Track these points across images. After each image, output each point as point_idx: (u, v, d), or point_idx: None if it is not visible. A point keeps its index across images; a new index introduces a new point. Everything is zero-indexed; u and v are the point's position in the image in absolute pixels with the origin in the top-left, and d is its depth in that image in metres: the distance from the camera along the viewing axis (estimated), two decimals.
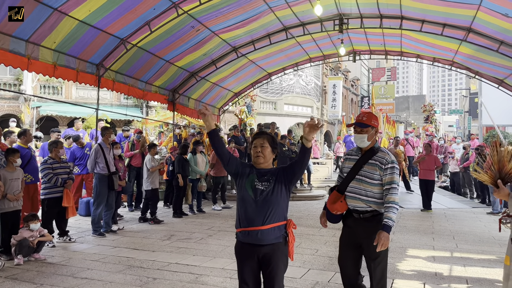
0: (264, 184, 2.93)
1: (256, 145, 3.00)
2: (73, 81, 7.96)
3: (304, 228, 7.93)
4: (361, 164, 3.36)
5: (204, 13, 8.66)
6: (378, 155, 3.33)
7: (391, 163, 3.29)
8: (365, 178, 3.31)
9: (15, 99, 22.66)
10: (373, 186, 3.30)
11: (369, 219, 3.32)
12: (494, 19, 8.23)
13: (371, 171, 3.30)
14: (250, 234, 2.89)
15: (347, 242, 3.46)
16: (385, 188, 3.28)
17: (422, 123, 28.18)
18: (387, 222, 3.18)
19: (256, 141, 3.03)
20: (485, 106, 24.15)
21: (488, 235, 7.72)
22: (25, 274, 4.98)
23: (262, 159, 2.98)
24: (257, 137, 3.05)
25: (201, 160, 10.08)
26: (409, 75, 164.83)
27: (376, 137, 3.43)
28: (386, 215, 3.20)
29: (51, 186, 6.50)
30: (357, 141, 3.41)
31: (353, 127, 3.42)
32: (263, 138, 3.02)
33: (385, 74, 50.21)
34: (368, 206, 3.31)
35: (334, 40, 11.91)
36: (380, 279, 3.32)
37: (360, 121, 3.39)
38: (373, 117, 3.43)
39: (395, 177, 3.27)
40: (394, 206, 3.21)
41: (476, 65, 11.58)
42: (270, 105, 32.54)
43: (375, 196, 3.30)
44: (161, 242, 6.80)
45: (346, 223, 3.50)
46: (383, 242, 3.13)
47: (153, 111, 24.41)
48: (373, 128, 3.38)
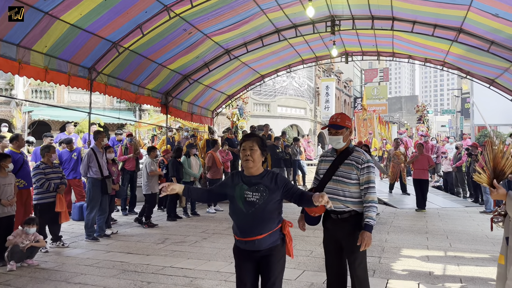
0: (255, 195, 2.86)
1: (245, 148, 2.91)
2: (65, 85, 7.92)
3: (298, 229, 7.91)
4: (337, 165, 3.38)
5: (196, 16, 8.66)
6: (354, 155, 3.36)
7: (367, 162, 3.32)
8: (342, 178, 3.33)
9: (7, 104, 22.48)
10: (350, 186, 3.31)
11: (347, 219, 3.34)
12: (485, 19, 8.30)
13: (347, 171, 3.32)
14: (247, 243, 2.90)
15: (329, 245, 3.49)
16: (363, 188, 3.30)
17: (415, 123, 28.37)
18: (368, 222, 3.21)
19: (245, 143, 2.94)
20: (477, 106, 24.37)
21: (481, 234, 7.76)
22: (18, 280, 4.93)
23: (251, 163, 2.90)
24: (246, 140, 2.97)
25: (195, 162, 10.06)
26: (401, 75, 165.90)
27: (350, 138, 3.48)
28: (367, 214, 3.24)
29: (44, 191, 6.46)
30: (333, 142, 3.43)
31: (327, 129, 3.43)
32: (252, 141, 2.93)
33: (377, 75, 50.47)
34: (346, 207, 3.32)
35: (326, 42, 11.96)
36: (363, 281, 3.34)
37: (334, 123, 3.41)
38: (347, 118, 3.47)
39: (371, 176, 3.30)
40: (374, 205, 3.26)
41: (467, 65, 11.68)
42: (263, 107, 32.59)
43: (353, 195, 3.32)
44: (155, 246, 6.76)
45: (325, 226, 3.52)
46: (366, 241, 3.16)
47: (146, 115, 24.36)
48: (347, 129, 3.41)
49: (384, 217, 9.48)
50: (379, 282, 4.84)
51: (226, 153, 11.52)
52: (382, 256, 6.07)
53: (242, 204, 2.88)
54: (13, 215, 5.77)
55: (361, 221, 3.27)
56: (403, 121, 62.00)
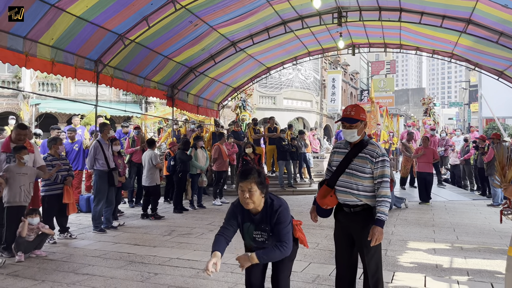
0: (263, 235, 2.91)
1: (244, 189, 2.79)
2: (72, 78, 7.94)
3: (304, 222, 7.89)
4: (350, 158, 3.27)
5: (202, 8, 8.62)
6: (368, 148, 3.24)
7: (382, 156, 3.21)
8: (356, 172, 3.24)
9: (14, 97, 22.63)
10: (363, 180, 3.23)
11: (360, 213, 3.27)
12: (494, 10, 8.19)
13: (361, 164, 3.22)
14: None
15: (340, 237, 3.43)
16: (376, 182, 3.21)
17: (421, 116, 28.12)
18: (380, 217, 3.13)
19: (242, 184, 2.80)
20: (485, 98, 24.13)
21: (488, 227, 7.72)
22: (26, 271, 4.99)
23: (251, 204, 2.82)
24: (242, 180, 2.80)
25: (202, 155, 10.08)
26: (408, 68, 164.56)
27: (365, 130, 3.35)
28: (379, 209, 3.15)
29: (51, 183, 6.50)
30: (347, 136, 3.30)
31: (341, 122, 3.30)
32: (250, 182, 2.78)
33: (384, 67, 50.16)
34: (359, 200, 3.25)
35: (333, 34, 11.86)
36: (375, 272, 3.29)
37: (349, 116, 3.27)
38: (361, 110, 3.32)
39: (386, 170, 3.20)
40: (386, 200, 3.16)
41: (476, 57, 11.55)
42: (269, 100, 32.51)
43: (366, 189, 3.24)
44: (162, 238, 6.80)
45: (337, 218, 3.46)
46: (376, 236, 3.10)
47: (152, 107, 24.41)
48: (362, 122, 3.27)
49: (390, 210, 9.46)
50: (386, 275, 4.82)
51: (232, 146, 11.52)
52: (388, 248, 6.06)
53: (252, 242, 2.97)
54: (24, 206, 5.79)
55: (374, 215, 3.20)
56: (410, 113, 61.65)
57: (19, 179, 5.68)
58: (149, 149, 8.91)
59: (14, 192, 5.62)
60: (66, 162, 6.95)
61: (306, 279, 4.69)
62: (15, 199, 5.64)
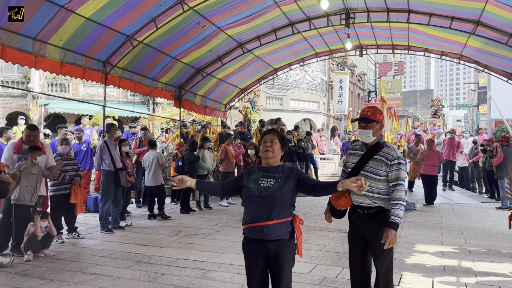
0: (269, 181, 2.90)
1: (266, 140, 3.00)
2: (80, 79, 8.00)
3: (311, 223, 7.92)
4: (366, 160, 3.30)
5: (209, 9, 8.64)
6: (384, 151, 3.26)
7: (397, 159, 3.22)
8: (371, 174, 3.25)
9: (23, 97, 22.84)
10: (378, 182, 3.24)
11: (374, 215, 3.27)
12: (503, 11, 8.12)
13: (376, 167, 3.24)
14: (256, 229, 2.88)
15: (354, 239, 3.43)
16: (391, 185, 3.22)
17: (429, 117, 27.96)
18: (394, 220, 3.13)
19: (266, 136, 3.03)
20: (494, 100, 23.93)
21: (497, 230, 7.65)
22: (35, 270, 5.03)
23: (271, 153, 2.96)
24: (267, 133, 3.06)
25: (209, 156, 10.09)
26: (416, 69, 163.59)
27: (381, 132, 3.36)
28: (393, 212, 3.15)
29: (59, 183, 6.54)
30: (362, 136, 3.35)
31: (357, 122, 3.36)
32: (273, 134, 3.03)
33: (392, 69, 49.92)
34: (373, 203, 3.25)
35: (341, 35, 11.83)
36: (386, 275, 3.30)
37: (365, 116, 3.32)
38: (378, 111, 3.35)
39: (401, 173, 3.21)
40: (401, 203, 3.16)
41: (485, 59, 11.46)
42: (276, 101, 32.49)
43: (381, 192, 3.25)
44: (168, 238, 6.83)
45: (351, 219, 3.46)
46: (390, 239, 3.09)
47: (160, 108, 24.49)
48: (378, 123, 3.30)
49: None
50: (393, 277, 4.80)
51: (239, 147, 11.53)
52: (396, 251, 6.01)
53: (255, 189, 2.91)
54: (29, 205, 5.83)
55: (388, 218, 3.19)
56: (417, 115, 61.27)
57: (27, 179, 5.72)
58: (151, 150, 8.92)
59: (22, 191, 5.67)
60: (75, 162, 7.00)
61: (312, 281, 4.68)
62: (21, 198, 5.69)
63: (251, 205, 2.94)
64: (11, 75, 22.63)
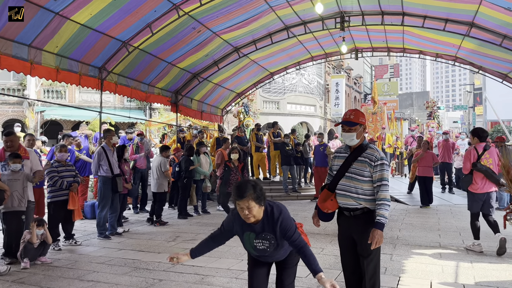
0: (264, 243, 2.88)
1: (242, 207, 2.75)
2: (76, 85, 8.00)
3: (309, 227, 7.86)
4: (350, 162, 3.34)
5: (205, 14, 8.67)
6: (367, 152, 3.31)
7: (381, 159, 3.27)
8: (355, 176, 3.29)
9: (19, 104, 22.80)
10: (363, 183, 3.28)
11: (360, 216, 3.31)
12: (497, 13, 8.18)
13: (361, 168, 3.28)
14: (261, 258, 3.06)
15: (344, 241, 3.47)
16: (375, 185, 3.26)
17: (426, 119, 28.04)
18: (380, 220, 3.17)
19: (240, 203, 2.75)
20: (489, 101, 24.06)
21: None
22: (32, 278, 5.00)
23: (252, 219, 2.80)
24: (239, 199, 2.75)
25: (205, 161, 10.09)
26: (412, 71, 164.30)
27: (364, 134, 3.42)
28: (379, 212, 3.19)
29: (57, 189, 6.52)
30: (346, 139, 3.40)
31: (341, 126, 3.41)
32: (247, 200, 2.72)
33: (388, 71, 50.11)
34: (359, 204, 3.30)
35: (336, 38, 11.89)
36: (372, 275, 3.32)
37: (348, 119, 3.37)
38: (361, 114, 3.41)
39: (385, 174, 3.25)
40: (386, 203, 3.20)
41: (480, 60, 11.53)
42: (273, 105, 32.54)
43: (365, 193, 3.29)
44: (166, 244, 6.80)
45: (339, 222, 3.50)
46: (377, 239, 3.12)
47: (157, 113, 24.48)
48: (361, 125, 3.36)
49: (395, 214, 9.41)
50: (391, 279, 4.81)
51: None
52: (394, 253, 6.02)
53: (253, 250, 2.96)
54: (19, 211, 5.79)
55: (373, 218, 3.24)
56: (414, 117, 61.45)
57: (12, 185, 5.68)
58: (159, 155, 8.86)
59: (9, 198, 5.64)
60: (72, 169, 6.98)
61: (310, 285, 4.67)
62: (9, 205, 5.65)
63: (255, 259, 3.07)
64: (7, 82, 22.59)
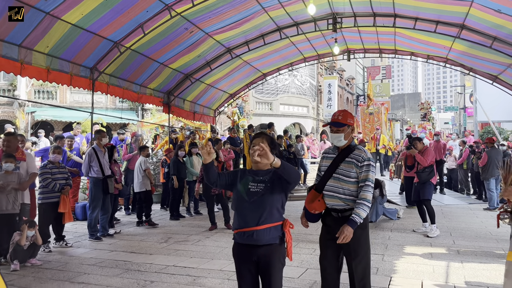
0: (259, 186, 2.91)
1: (255, 144, 2.90)
2: (67, 85, 7.93)
3: (301, 227, 7.87)
4: (338, 163, 3.35)
5: (197, 15, 8.65)
6: (355, 153, 3.32)
7: (367, 160, 3.29)
8: (342, 176, 3.30)
9: (10, 105, 22.56)
10: (350, 184, 3.29)
11: (348, 218, 3.27)
12: (487, 15, 8.26)
13: (348, 169, 3.29)
14: (245, 234, 2.88)
15: (327, 242, 3.43)
16: (360, 185, 3.27)
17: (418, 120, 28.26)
18: (354, 218, 3.17)
19: (255, 141, 2.96)
20: (480, 103, 24.28)
21: (485, 231, 7.74)
22: (22, 280, 4.95)
23: (259, 158, 2.89)
24: (256, 137, 3.00)
25: (197, 161, 10.05)
26: (404, 73, 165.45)
27: (352, 135, 3.43)
28: (355, 210, 3.20)
29: (49, 191, 6.46)
30: (334, 140, 3.41)
31: (329, 127, 3.41)
32: (262, 138, 2.97)
33: (380, 73, 50.38)
34: (346, 205, 3.30)
35: (328, 40, 11.92)
36: (362, 278, 3.29)
37: (336, 120, 3.38)
38: (349, 115, 3.41)
39: (370, 175, 3.26)
40: (365, 204, 3.20)
41: (470, 62, 11.63)
42: (265, 106, 32.55)
43: (353, 194, 3.29)
44: (158, 245, 6.77)
45: (325, 222, 3.48)
46: (345, 235, 3.12)
47: (149, 114, 24.36)
48: (349, 126, 3.37)
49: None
50: (382, 280, 4.83)
51: (228, 152, 11.51)
52: (385, 253, 6.05)
53: (245, 194, 2.91)
54: (12, 214, 5.72)
55: (363, 219, 3.23)
56: (406, 118, 61.84)
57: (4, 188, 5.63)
58: (140, 156, 8.93)
59: (1, 201, 5.59)
60: (65, 171, 6.92)
61: (303, 285, 4.68)
62: (2, 208, 5.60)
63: (241, 210, 2.93)
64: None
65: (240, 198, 2.94)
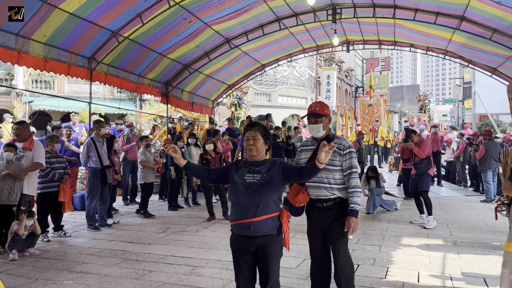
0: (255, 177, 2.90)
1: (249, 137, 2.97)
2: (65, 75, 7.88)
3: (299, 219, 7.91)
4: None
5: (196, 4, 8.58)
6: (336, 142, 3.35)
7: (349, 148, 3.37)
8: (327, 166, 3.29)
9: (7, 94, 22.45)
10: (334, 173, 3.36)
11: (332, 207, 3.37)
12: (487, 7, 8.21)
13: (331, 158, 3.30)
14: (243, 226, 2.88)
15: (314, 233, 3.50)
16: (346, 173, 3.35)
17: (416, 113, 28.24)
18: (353, 207, 3.26)
19: (248, 133, 2.99)
20: (479, 95, 24.27)
21: (481, 222, 7.79)
22: (20, 269, 4.96)
23: (255, 151, 2.97)
24: (248, 129, 3.01)
25: (196, 152, 10.03)
26: (403, 65, 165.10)
27: (330, 126, 3.50)
28: (352, 200, 3.28)
29: (48, 180, 6.47)
30: (313, 131, 3.46)
31: (307, 118, 3.46)
32: (255, 130, 2.98)
33: (379, 64, 50.24)
34: (332, 194, 3.36)
35: (328, 30, 11.86)
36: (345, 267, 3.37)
37: (314, 111, 3.43)
38: (325, 106, 3.49)
39: (354, 161, 3.37)
40: (358, 190, 3.31)
41: (470, 54, 11.59)
42: (264, 97, 32.50)
43: (337, 182, 3.36)
44: (156, 235, 6.80)
45: (309, 215, 3.53)
46: (353, 227, 3.21)
47: (147, 104, 24.30)
48: (326, 117, 3.43)
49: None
50: (379, 271, 4.87)
51: (227, 143, 11.51)
52: (382, 244, 6.09)
53: (241, 185, 2.91)
54: (9, 205, 5.70)
55: (345, 207, 3.32)
56: (404, 110, 61.85)
57: (4, 178, 5.62)
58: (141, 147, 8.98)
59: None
60: (63, 160, 6.91)
61: (300, 276, 4.71)
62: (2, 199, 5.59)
63: (238, 202, 2.93)
64: None
65: (236, 190, 2.94)
